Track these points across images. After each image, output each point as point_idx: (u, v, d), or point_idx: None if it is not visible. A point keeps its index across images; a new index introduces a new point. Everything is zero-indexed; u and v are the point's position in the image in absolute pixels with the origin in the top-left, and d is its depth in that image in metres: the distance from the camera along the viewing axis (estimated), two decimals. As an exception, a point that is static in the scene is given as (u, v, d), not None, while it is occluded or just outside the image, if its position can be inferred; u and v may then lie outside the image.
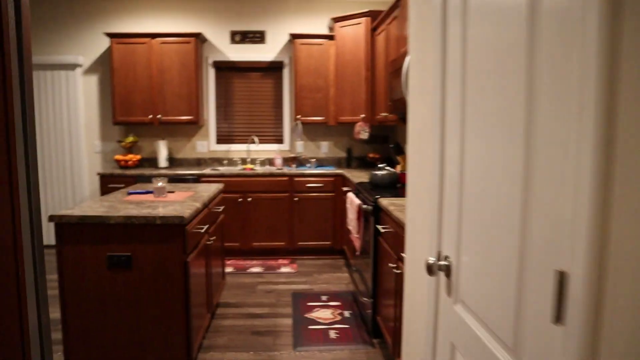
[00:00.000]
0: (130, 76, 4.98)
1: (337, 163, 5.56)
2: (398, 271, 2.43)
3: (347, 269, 4.65)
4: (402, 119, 3.70)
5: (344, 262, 4.89)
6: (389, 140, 5.37)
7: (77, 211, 2.42)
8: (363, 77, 4.88)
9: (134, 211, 2.44)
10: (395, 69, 3.41)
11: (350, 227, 3.53)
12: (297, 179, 4.86)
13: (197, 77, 5.03)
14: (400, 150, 4.27)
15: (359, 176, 4.36)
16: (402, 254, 2.27)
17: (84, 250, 2.36)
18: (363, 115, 4.90)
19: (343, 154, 5.56)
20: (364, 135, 4.82)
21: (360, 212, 3.23)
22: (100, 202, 2.71)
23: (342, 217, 4.91)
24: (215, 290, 3.34)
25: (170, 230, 2.38)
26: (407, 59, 3.02)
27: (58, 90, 5.26)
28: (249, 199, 4.83)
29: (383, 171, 3.56)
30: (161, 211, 2.45)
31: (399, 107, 3.35)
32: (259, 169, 5.25)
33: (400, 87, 3.26)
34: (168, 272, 2.40)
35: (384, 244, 2.79)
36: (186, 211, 2.46)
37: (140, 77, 4.99)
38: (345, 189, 4.69)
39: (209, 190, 3.31)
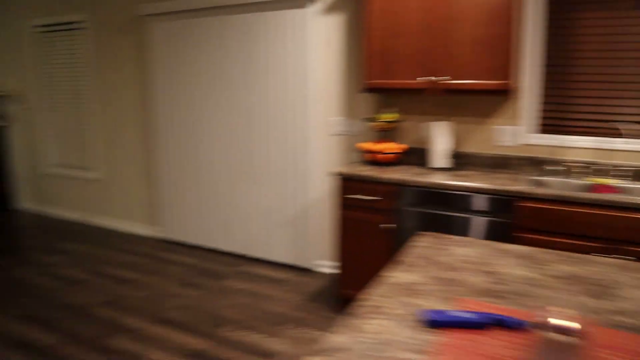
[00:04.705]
0: (397, 9, 2.87)
1: None
2: None
3: None
4: None
5: None
6: None
7: None
8: None
9: None
10: None
11: None
12: None
13: (509, 9, 2.60)
14: None
15: None
16: None
17: None
18: None
19: None
20: None
21: None
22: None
23: None
24: None
25: None
26: None
27: (274, 37, 3.52)
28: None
29: None
30: None
31: None
32: (631, 187, 2.59)
33: None
34: None
35: None
36: None
37: (408, 10, 2.83)
38: None
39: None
